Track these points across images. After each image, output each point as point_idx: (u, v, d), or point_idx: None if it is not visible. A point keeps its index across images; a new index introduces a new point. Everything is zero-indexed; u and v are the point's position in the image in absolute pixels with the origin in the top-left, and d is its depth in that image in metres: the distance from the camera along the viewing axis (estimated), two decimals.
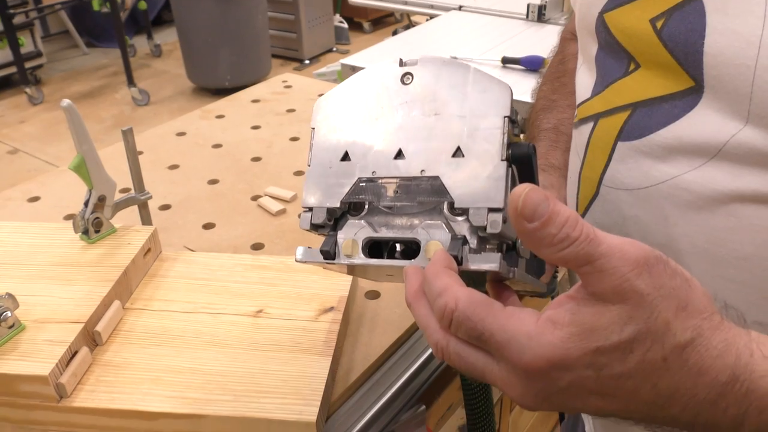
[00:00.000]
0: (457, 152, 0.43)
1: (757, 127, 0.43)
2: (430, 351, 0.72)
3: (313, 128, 0.48)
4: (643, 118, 0.50)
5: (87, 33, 4.52)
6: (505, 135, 0.42)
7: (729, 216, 0.46)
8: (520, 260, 0.47)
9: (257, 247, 0.85)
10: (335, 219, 0.47)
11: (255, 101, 1.28)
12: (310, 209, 0.47)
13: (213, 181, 1.01)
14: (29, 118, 3.49)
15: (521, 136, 0.45)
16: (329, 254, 0.46)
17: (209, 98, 3.41)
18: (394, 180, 0.45)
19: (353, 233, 0.45)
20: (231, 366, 0.62)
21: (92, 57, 4.40)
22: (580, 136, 0.57)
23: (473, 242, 0.42)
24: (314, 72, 2.47)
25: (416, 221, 0.44)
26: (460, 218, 0.43)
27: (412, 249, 0.45)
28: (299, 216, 0.48)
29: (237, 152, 1.09)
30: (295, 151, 1.09)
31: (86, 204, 0.73)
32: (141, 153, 1.09)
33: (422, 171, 0.43)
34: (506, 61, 1.54)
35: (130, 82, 3.60)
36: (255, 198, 0.96)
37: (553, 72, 0.73)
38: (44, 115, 3.53)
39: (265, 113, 1.23)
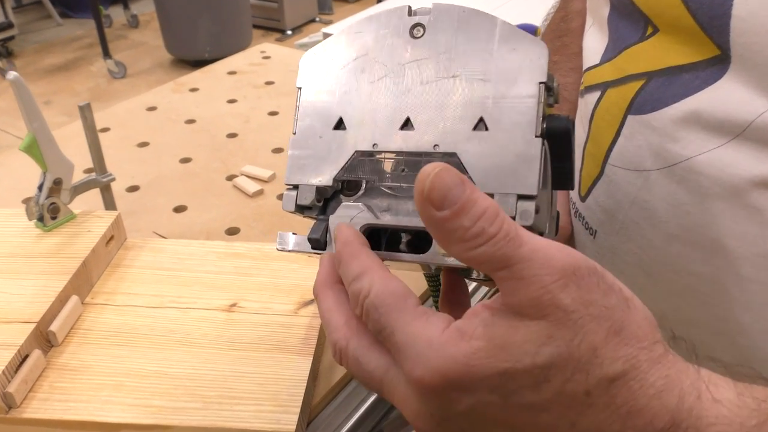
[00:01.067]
0: (480, 124, 0.35)
1: None
2: None
3: (300, 88, 0.40)
4: (658, 89, 0.44)
5: (60, 3, 4.36)
6: (541, 105, 0.34)
7: (749, 207, 0.40)
8: None
9: (232, 231, 0.79)
10: (325, 199, 0.40)
11: (231, 73, 1.21)
12: (295, 187, 0.39)
13: (185, 160, 0.94)
14: (0, 91, 3.37)
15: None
16: (319, 243, 0.39)
17: (189, 70, 3.29)
18: (400, 155, 0.38)
19: (349, 218, 0.38)
20: (201, 368, 0.56)
21: (66, 28, 4.26)
22: (585, 106, 0.51)
23: None
24: (296, 42, 2.39)
25: None
26: None
27: (419, 240, 0.37)
28: (281, 197, 0.41)
29: (211, 128, 1.02)
30: (274, 126, 1.02)
31: (40, 188, 0.66)
32: (108, 129, 1.02)
33: (435, 146, 0.36)
34: None
35: (106, 54, 3.48)
36: (230, 178, 0.89)
37: (554, 30, 0.66)
38: None
39: (242, 86, 1.16)
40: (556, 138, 0.36)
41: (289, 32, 4.12)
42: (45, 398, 0.53)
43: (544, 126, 0.35)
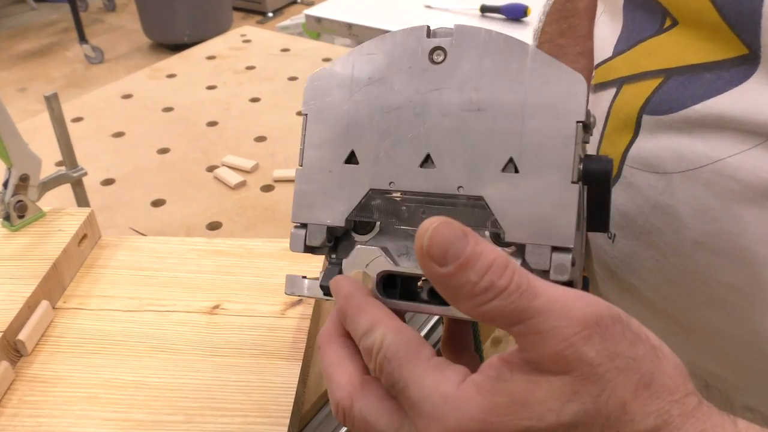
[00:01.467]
0: (509, 165, 0.32)
1: None
2: None
3: (305, 115, 0.36)
4: (677, 89, 0.40)
5: None
6: (578, 146, 0.31)
7: None
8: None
9: (214, 226, 0.75)
10: (336, 237, 0.36)
11: (210, 58, 1.16)
12: (304, 226, 0.36)
13: (163, 150, 0.90)
14: None
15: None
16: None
17: (167, 55, 3.23)
18: (420, 196, 0.34)
19: (364, 263, 0.34)
20: (182, 377, 0.52)
21: (41, 12, 4.15)
22: (599, 103, 0.47)
23: None
24: (277, 25, 2.33)
25: None
26: (505, 250, 0.33)
27: None
28: (264, 188, 0.37)
29: (190, 116, 0.98)
30: (256, 113, 0.98)
31: (5, 185, 0.62)
32: (81, 119, 0.97)
33: (459, 188, 0.32)
34: (485, 9, 1.43)
35: (82, 38, 3.39)
36: (211, 169, 0.85)
37: (559, 10, 0.62)
38: None
39: (222, 71, 1.11)
40: (595, 181, 0.33)
41: (270, 14, 4.04)
42: (14, 414, 0.50)
43: (581, 168, 0.31)
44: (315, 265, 0.62)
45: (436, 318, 0.67)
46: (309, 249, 0.36)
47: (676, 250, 0.42)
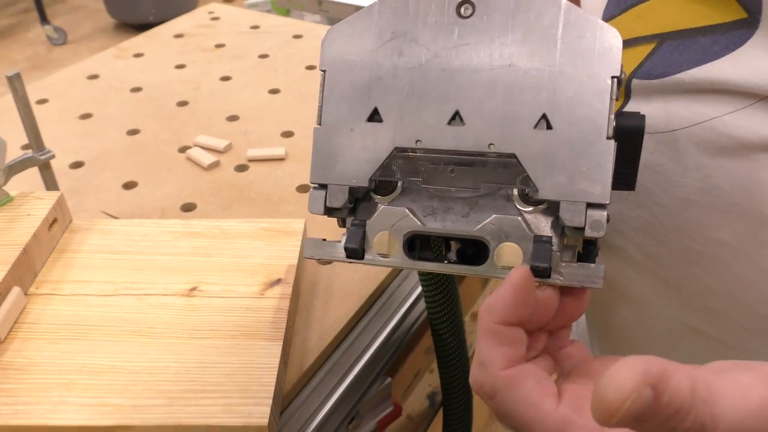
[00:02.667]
0: (541, 121, 0.31)
1: None
2: (396, 319, 0.64)
3: (324, 71, 0.35)
4: (671, 54, 0.40)
5: None
6: (613, 102, 0.31)
7: None
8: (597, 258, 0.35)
9: (188, 207, 0.73)
10: (356, 199, 0.35)
11: (178, 36, 1.13)
12: (324, 186, 0.35)
13: (133, 132, 0.88)
14: None
15: None
16: (357, 252, 0.34)
17: (133, 35, 3.16)
18: (447, 154, 0.33)
19: (390, 224, 0.34)
20: (162, 361, 0.51)
21: None
22: None
23: (555, 243, 0.32)
24: (245, 2, 2.29)
25: (475, 211, 0.33)
26: (531, 208, 0.32)
27: (472, 249, 0.33)
28: (238, 168, 0.36)
29: (160, 96, 0.96)
30: (227, 92, 0.96)
31: None
32: (46, 101, 0.95)
33: (490, 145, 0.32)
34: None
35: (44, 19, 3.29)
36: (183, 149, 0.83)
37: None
38: None
39: (191, 50, 1.08)
40: (628, 138, 0.33)
41: None
42: None
43: (615, 125, 0.31)
44: (293, 244, 0.62)
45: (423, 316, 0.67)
46: (328, 210, 0.35)
47: (665, 208, 0.42)
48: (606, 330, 0.56)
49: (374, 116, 0.34)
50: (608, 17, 0.45)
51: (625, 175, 0.35)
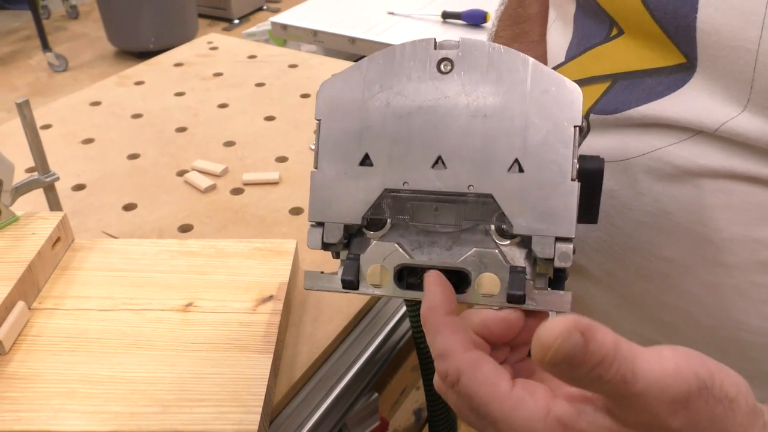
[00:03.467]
0: (514, 165, 0.35)
1: (757, 115, 0.38)
2: (382, 336, 0.67)
3: (319, 120, 0.38)
4: (623, 92, 0.44)
5: None
6: (576, 148, 0.34)
7: (718, 193, 0.41)
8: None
9: (185, 228, 0.77)
10: (350, 235, 0.39)
11: (178, 65, 1.18)
12: (321, 224, 0.38)
13: (133, 156, 0.91)
14: None
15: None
16: (353, 284, 0.38)
17: (133, 62, 3.22)
18: (432, 194, 0.37)
19: (382, 257, 0.38)
20: (158, 371, 0.54)
21: (1, 20, 4.09)
22: None
23: (529, 272, 0.36)
24: (243, 32, 2.35)
25: (457, 244, 0.37)
26: (507, 241, 0.36)
27: (454, 278, 0.37)
28: (234, 191, 0.40)
29: (159, 122, 0.99)
30: (224, 119, 1.00)
31: None
32: (50, 126, 0.98)
33: (470, 186, 0.35)
34: (446, 15, 1.48)
35: (45, 46, 3.35)
36: (181, 173, 0.87)
37: (511, 15, 0.66)
38: None
39: (190, 78, 1.13)
40: (589, 178, 0.36)
41: (237, 21, 4.04)
42: None
43: (578, 167, 0.35)
44: (285, 263, 0.65)
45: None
46: (325, 246, 0.39)
47: (620, 229, 0.46)
48: None
49: (365, 161, 0.37)
50: (570, 57, 0.49)
51: (588, 210, 0.38)
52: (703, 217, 0.42)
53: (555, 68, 0.52)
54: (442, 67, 0.36)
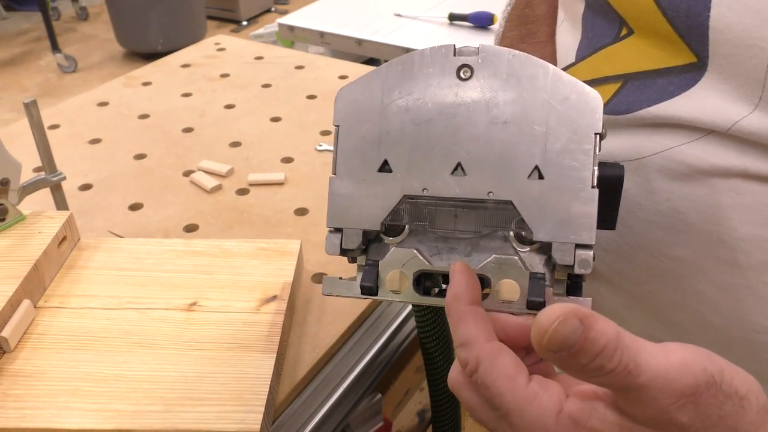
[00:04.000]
0: (534, 172, 0.35)
1: None
2: (386, 337, 0.67)
3: (337, 126, 0.38)
4: (634, 92, 0.44)
5: None
6: (597, 156, 0.34)
7: (729, 192, 0.41)
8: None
9: (191, 228, 0.77)
10: (368, 241, 0.39)
11: (185, 66, 1.18)
12: (339, 230, 0.38)
13: (140, 156, 0.92)
14: None
15: None
16: (372, 290, 0.38)
17: (141, 64, 3.23)
18: (451, 201, 0.37)
19: (401, 263, 0.38)
20: (161, 370, 0.54)
21: (12, 21, 4.12)
22: None
23: (548, 278, 0.36)
24: (251, 33, 2.36)
25: (476, 250, 0.37)
26: (527, 248, 0.36)
27: None
28: (240, 192, 0.40)
29: (166, 123, 1.00)
30: (230, 119, 1.00)
31: None
32: (57, 126, 0.99)
33: (489, 193, 0.35)
34: (453, 17, 1.47)
35: (55, 47, 3.37)
36: (187, 173, 0.87)
37: (518, 16, 0.65)
38: None
39: (197, 79, 1.13)
40: (609, 185, 0.36)
41: (245, 23, 4.06)
42: None
43: (598, 174, 0.35)
44: (289, 263, 0.65)
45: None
46: (344, 252, 0.39)
47: (630, 229, 0.46)
48: None
49: (384, 167, 0.37)
50: (580, 58, 0.49)
51: (606, 216, 0.38)
52: (715, 217, 0.42)
53: (565, 69, 0.52)
54: (462, 73, 0.36)
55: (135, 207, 0.81)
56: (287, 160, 0.89)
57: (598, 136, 0.35)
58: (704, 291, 0.44)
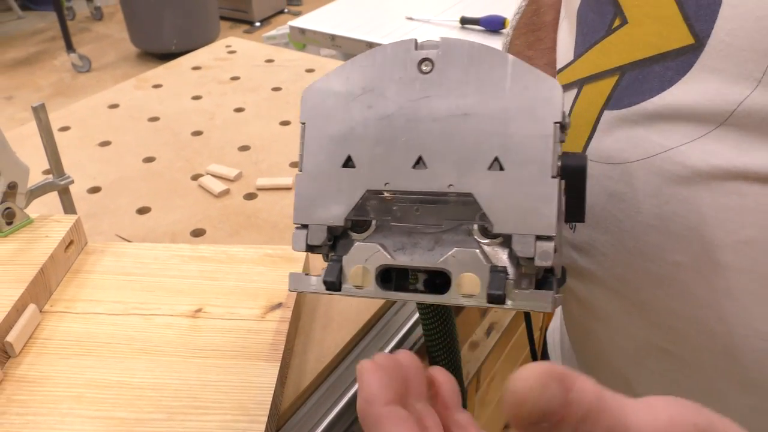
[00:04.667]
0: (495, 163, 0.35)
1: None
2: (392, 345, 0.66)
3: (303, 123, 0.39)
4: (634, 84, 0.44)
5: None
6: (556, 145, 0.34)
7: (731, 194, 0.40)
8: (554, 284, 0.38)
9: (198, 233, 0.77)
10: (335, 237, 0.39)
11: (196, 68, 1.18)
12: (305, 226, 0.39)
13: (149, 159, 0.92)
14: None
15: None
16: (335, 285, 0.38)
17: (155, 64, 3.25)
18: (413, 194, 0.37)
19: (364, 259, 0.37)
20: (165, 377, 0.54)
21: (28, 21, 4.16)
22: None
23: (512, 272, 0.35)
24: (264, 35, 2.36)
25: (439, 245, 0.37)
26: (490, 241, 0.36)
27: (440, 279, 0.37)
28: (247, 196, 0.40)
29: (176, 126, 1.00)
30: (240, 123, 1.00)
31: None
32: (68, 128, 0.99)
33: (450, 185, 0.35)
34: (465, 21, 1.47)
35: (69, 47, 3.40)
36: (195, 177, 0.87)
37: (526, 24, 0.65)
38: None
39: (207, 81, 1.13)
40: (572, 175, 0.36)
41: (258, 24, 4.07)
42: (2, 412, 0.51)
43: (560, 164, 0.34)
44: (297, 268, 0.65)
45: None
46: (310, 248, 0.39)
47: (629, 233, 0.46)
48: (584, 349, 0.59)
49: (348, 163, 0.38)
50: (578, 55, 0.49)
51: (574, 208, 0.38)
52: (716, 220, 0.41)
53: (564, 68, 0.52)
54: (423, 67, 0.36)
55: (143, 210, 0.81)
56: (296, 164, 0.89)
57: (558, 125, 0.34)
58: (705, 297, 0.43)
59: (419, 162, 0.36)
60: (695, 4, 0.39)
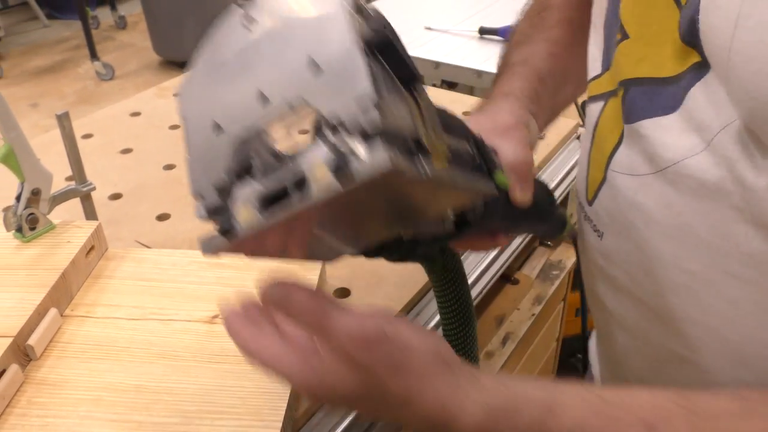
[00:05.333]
0: (311, 65, 0.36)
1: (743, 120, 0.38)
2: None
3: (183, 117, 0.41)
4: (639, 98, 0.45)
5: (47, 4, 4.32)
6: (353, 26, 0.35)
7: (734, 207, 0.41)
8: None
9: None
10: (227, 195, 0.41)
11: None
12: (202, 196, 0.40)
13: (169, 167, 0.93)
14: None
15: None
16: (229, 231, 0.39)
17: (177, 72, 3.29)
18: (269, 125, 0.38)
19: (243, 199, 0.39)
20: (182, 382, 0.55)
21: (53, 30, 4.23)
22: (590, 114, 0.53)
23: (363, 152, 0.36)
24: None
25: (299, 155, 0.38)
26: (345, 133, 0.36)
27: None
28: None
29: None
30: None
31: (18, 198, 0.65)
32: (90, 136, 1.01)
33: (292, 107, 0.37)
34: (484, 31, 1.47)
35: (93, 55, 3.45)
36: None
37: (533, 8, 0.67)
38: (3, 92, 3.37)
39: None
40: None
41: None
42: (22, 413, 0.53)
43: (363, 34, 0.36)
44: (312, 276, 0.65)
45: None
46: (210, 213, 0.40)
47: (647, 242, 0.47)
48: (609, 356, 0.60)
49: (217, 129, 0.39)
50: (605, 69, 0.51)
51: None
52: (723, 232, 0.42)
53: (593, 79, 0.53)
54: (246, 23, 0.39)
55: (162, 217, 0.82)
56: None
57: (347, 12, 0.36)
58: (717, 306, 0.44)
59: (262, 96, 0.37)
60: (698, 41, 0.39)
